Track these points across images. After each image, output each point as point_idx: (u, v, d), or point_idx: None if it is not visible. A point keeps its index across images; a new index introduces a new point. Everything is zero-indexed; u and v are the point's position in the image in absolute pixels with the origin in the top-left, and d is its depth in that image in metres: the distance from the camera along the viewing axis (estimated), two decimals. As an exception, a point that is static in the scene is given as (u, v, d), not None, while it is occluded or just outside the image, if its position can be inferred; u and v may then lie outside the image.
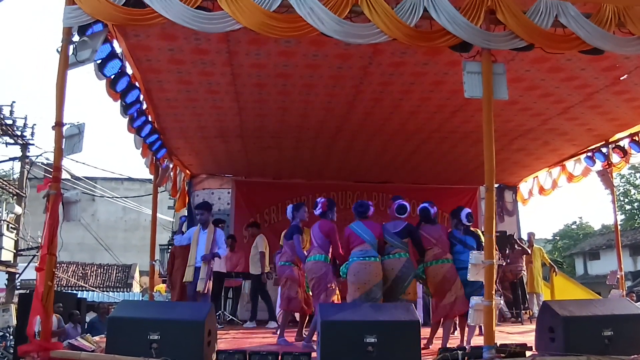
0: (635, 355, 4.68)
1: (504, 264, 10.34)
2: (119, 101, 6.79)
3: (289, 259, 7.19)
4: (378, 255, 6.34)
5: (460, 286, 6.34)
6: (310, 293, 6.88)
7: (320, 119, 8.77)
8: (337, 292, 6.67)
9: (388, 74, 7.19)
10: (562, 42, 5.43)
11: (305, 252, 6.96)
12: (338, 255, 6.63)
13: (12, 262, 17.31)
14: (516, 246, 10.95)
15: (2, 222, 16.34)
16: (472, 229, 6.89)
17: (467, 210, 6.86)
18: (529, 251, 11.02)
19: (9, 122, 17.33)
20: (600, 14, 5.33)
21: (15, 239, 17.50)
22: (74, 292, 21.74)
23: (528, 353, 4.92)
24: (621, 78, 7.32)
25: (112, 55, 5.88)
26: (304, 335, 7.03)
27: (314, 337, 6.62)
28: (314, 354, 4.84)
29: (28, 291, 14.62)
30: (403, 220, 6.58)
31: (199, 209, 8.17)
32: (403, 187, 12.90)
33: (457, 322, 6.92)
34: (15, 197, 18.19)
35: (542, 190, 12.34)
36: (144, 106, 7.68)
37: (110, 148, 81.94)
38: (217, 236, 7.92)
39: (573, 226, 44.99)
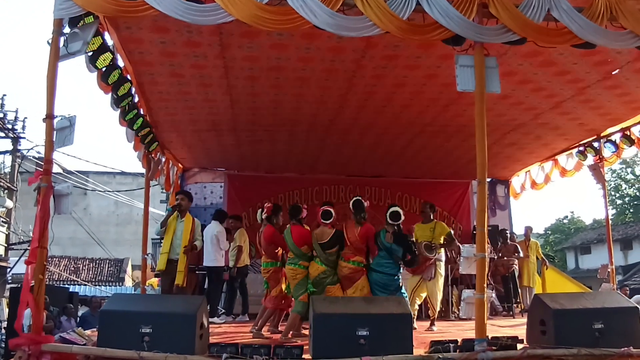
0: (625, 348, 4.70)
1: (495, 257, 10.39)
2: (110, 94, 6.75)
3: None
4: (296, 260, 6.91)
5: (361, 287, 6.72)
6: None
7: (313, 112, 8.75)
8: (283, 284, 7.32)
9: (381, 67, 7.18)
10: (555, 36, 5.44)
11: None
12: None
13: (3, 256, 17.27)
14: (510, 252, 10.97)
15: (-7, 215, 16.27)
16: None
17: (393, 208, 7.00)
18: (522, 254, 11.06)
19: (0, 115, 17.25)
20: (593, 8, 5.33)
21: (7, 232, 17.45)
22: (66, 286, 21.71)
23: (519, 346, 4.94)
24: (613, 73, 7.34)
25: (104, 47, 5.83)
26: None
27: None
28: (306, 347, 4.85)
29: (19, 285, 14.57)
30: (329, 227, 6.90)
31: (179, 194, 8.10)
32: (396, 181, 12.97)
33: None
34: (6, 191, 18.12)
35: (534, 184, 12.38)
36: (136, 99, 7.64)
37: (102, 142, 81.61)
38: (196, 226, 7.81)
39: (565, 220, 45.30)
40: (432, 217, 8.48)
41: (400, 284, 6.84)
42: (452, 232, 8.53)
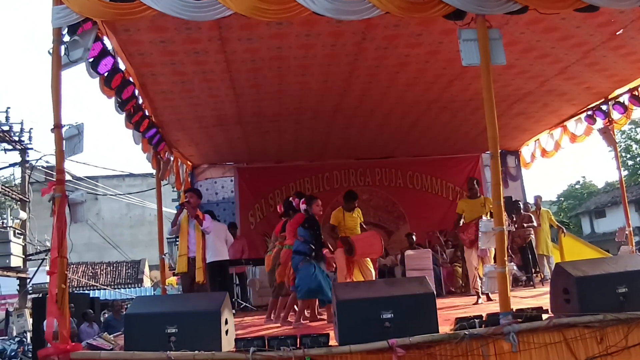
0: (652, 310, 4.68)
1: (513, 229, 10.35)
2: (114, 97, 6.74)
3: None
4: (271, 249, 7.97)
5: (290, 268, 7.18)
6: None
7: (318, 98, 8.72)
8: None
9: (382, 48, 7.12)
10: (556, 2, 5.35)
11: None
12: None
13: (22, 267, 17.38)
14: (525, 222, 10.93)
15: (8, 228, 16.36)
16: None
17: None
18: (536, 224, 11.00)
19: (6, 128, 17.29)
20: (594, -31, 5.24)
21: (23, 244, 17.55)
22: (86, 292, 21.89)
23: (544, 316, 4.92)
24: (617, 33, 7.23)
25: (104, 52, 5.82)
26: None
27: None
28: (332, 334, 4.86)
29: (41, 295, 14.74)
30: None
31: (188, 192, 8.14)
32: (406, 160, 12.94)
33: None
34: (19, 202, 18.23)
35: (544, 152, 12.29)
36: (140, 101, 7.64)
37: (109, 145, 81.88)
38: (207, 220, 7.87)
39: (577, 186, 44.96)
40: (478, 193, 8.53)
41: (300, 265, 6.93)
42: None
